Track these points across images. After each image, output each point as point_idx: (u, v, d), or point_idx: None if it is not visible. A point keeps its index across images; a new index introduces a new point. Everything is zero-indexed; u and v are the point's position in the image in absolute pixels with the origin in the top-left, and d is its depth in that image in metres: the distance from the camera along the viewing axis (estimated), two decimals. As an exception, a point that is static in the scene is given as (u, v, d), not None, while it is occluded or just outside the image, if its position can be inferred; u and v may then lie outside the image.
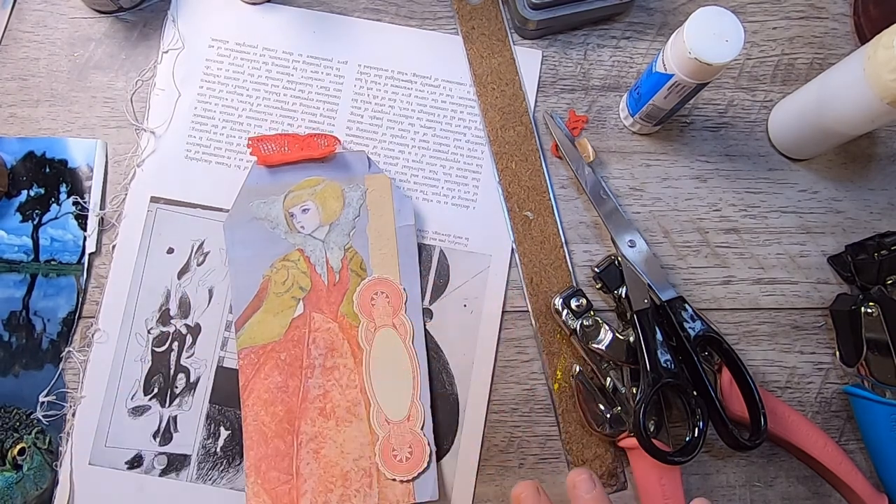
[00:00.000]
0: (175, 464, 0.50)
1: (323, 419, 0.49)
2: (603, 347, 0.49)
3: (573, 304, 0.50)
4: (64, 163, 0.53)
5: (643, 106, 0.52)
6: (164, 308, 0.51)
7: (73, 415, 0.50)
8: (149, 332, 0.51)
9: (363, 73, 0.55)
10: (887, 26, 0.44)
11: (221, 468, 0.50)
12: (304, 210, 0.52)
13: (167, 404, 0.50)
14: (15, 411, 0.50)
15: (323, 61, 0.55)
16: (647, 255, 0.52)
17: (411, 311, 0.51)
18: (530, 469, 0.51)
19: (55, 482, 0.49)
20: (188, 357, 0.51)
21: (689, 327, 0.49)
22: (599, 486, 0.40)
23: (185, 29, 0.55)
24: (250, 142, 0.52)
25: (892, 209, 0.56)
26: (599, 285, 0.52)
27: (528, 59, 0.56)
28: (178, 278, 0.52)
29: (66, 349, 0.51)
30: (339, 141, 0.53)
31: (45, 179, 0.53)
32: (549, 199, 0.54)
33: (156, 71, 0.55)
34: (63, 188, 0.52)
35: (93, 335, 0.51)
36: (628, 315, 0.50)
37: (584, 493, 0.40)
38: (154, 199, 0.53)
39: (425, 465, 0.49)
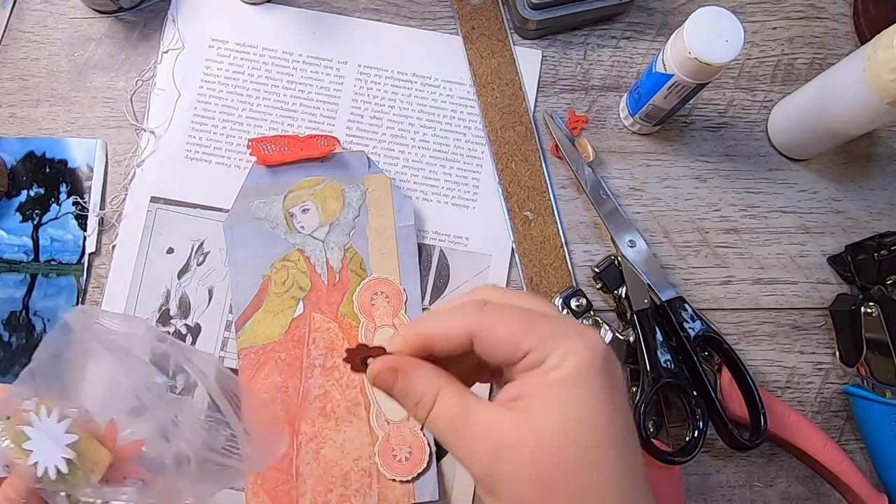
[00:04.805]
0: (175, 464, 0.50)
1: (323, 419, 0.49)
2: (603, 347, 0.49)
3: (573, 304, 0.50)
4: (64, 163, 0.53)
5: (643, 106, 0.52)
6: (164, 308, 0.51)
7: (73, 415, 0.50)
8: (149, 332, 0.51)
9: (363, 73, 0.55)
10: (887, 26, 0.44)
11: (221, 468, 0.50)
12: (303, 210, 0.52)
13: (167, 404, 0.50)
14: (15, 411, 0.50)
15: (323, 61, 0.55)
16: (647, 255, 0.52)
17: (411, 311, 0.51)
18: (530, 469, 0.51)
19: (55, 482, 0.49)
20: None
21: (689, 327, 0.49)
22: None
23: (185, 29, 0.55)
24: (250, 143, 0.52)
25: (892, 209, 0.56)
26: (599, 285, 0.52)
27: (528, 59, 0.56)
28: (178, 278, 0.52)
29: (66, 349, 0.51)
30: (338, 141, 0.53)
31: (45, 179, 0.53)
32: (549, 199, 0.54)
33: (156, 71, 0.55)
34: (63, 188, 0.52)
35: (93, 335, 0.51)
36: (628, 315, 0.50)
37: None
38: (154, 199, 0.53)
39: (425, 465, 0.49)
